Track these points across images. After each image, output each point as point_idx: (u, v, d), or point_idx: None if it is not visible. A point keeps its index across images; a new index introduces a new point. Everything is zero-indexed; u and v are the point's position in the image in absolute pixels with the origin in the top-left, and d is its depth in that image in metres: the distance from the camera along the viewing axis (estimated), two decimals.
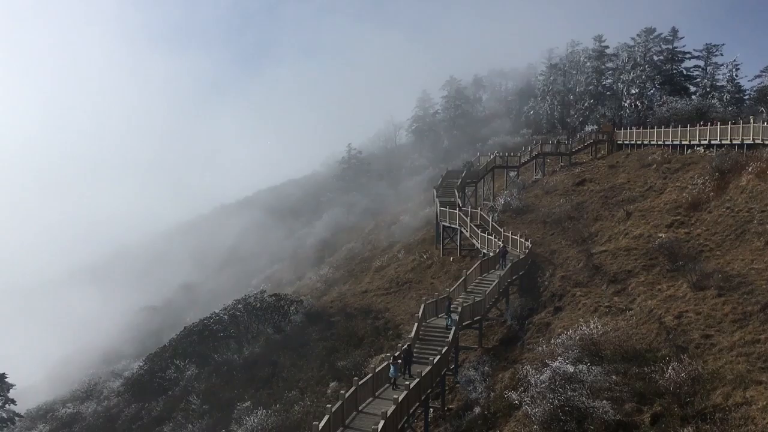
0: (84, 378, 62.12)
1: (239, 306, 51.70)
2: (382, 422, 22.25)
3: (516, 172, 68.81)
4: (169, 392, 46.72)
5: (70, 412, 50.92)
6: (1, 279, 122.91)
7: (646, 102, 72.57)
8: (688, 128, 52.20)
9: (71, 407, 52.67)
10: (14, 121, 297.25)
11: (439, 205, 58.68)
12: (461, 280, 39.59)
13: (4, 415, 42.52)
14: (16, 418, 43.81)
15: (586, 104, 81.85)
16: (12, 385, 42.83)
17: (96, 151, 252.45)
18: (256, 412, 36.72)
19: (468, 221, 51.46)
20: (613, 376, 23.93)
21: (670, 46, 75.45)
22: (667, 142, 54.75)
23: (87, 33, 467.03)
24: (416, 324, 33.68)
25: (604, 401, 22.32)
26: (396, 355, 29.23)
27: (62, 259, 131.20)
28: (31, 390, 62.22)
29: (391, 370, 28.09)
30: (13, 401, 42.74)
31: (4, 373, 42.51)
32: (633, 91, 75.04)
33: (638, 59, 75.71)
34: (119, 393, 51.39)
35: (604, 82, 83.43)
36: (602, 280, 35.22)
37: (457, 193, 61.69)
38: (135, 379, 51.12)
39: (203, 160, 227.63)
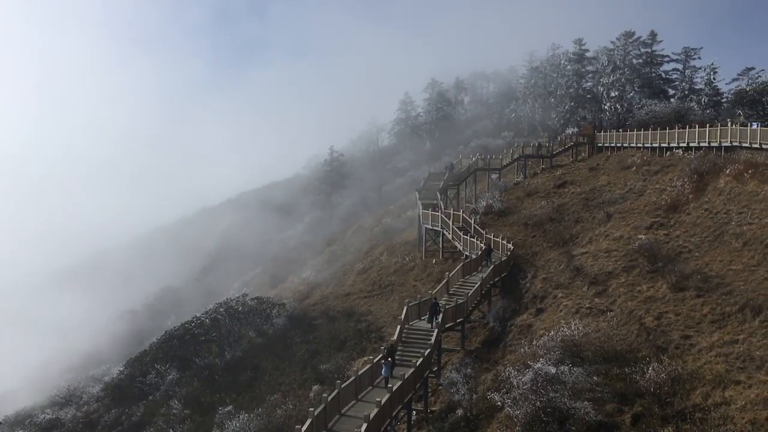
0: (63, 383, 61.34)
1: (221, 309, 51.36)
2: (365, 425, 22.21)
3: (498, 175, 69.08)
4: (150, 397, 46.32)
5: (49, 418, 50.26)
6: None
7: (625, 105, 73.28)
8: (667, 131, 52.79)
9: (50, 413, 51.98)
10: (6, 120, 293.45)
11: (421, 207, 58.75)
12: (444, 282, 39.64)
13: None
14: None
15: (566, 107, 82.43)
16: None
17: (79, 156, 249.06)
18: (238, 417, 36.50)
19: (450, 223, 51.57)
20: (595, 377, 24.10)
21: (649, 50, 76.27)
22: (646, 145, 55.30)
23: (72, 36, 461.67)
24: (399, 326, 33.67)
25: (586, 402, 22.47)
26: (384, 353, 29.27)
27: (43, 263, 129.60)
28: (10, 395, 61.52)
29: (383, 369, 28.12)
30: None
31: None
32: (613, 94, 75.73)
33: (618, 62, 76.43)
34: (99, 398, 50.84)
35: (584, 85, 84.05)
36: (583, 281, 35.44)
37: (439, 196, 61.83)
38: (115, 384, 50.61)
39: (187, 163, 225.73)
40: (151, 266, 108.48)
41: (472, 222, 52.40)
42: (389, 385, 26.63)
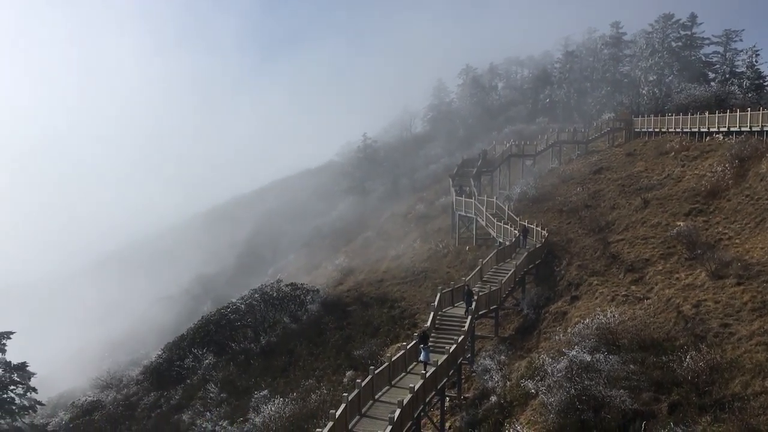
0: (103, 367, 62.86)
1: (256, 295, 51.91)
2: (398, 411, 22.32)
3: (532, 161, 68.40)
4: (188, 381, 47.14)
5: (90, 400, 51.52)
6: (25, 271, 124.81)
7: (664, 89, 71.80)
8: (706, 115, 51.61)
9: (91, 395, 53.30)
10: (41, 120, 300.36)
11: (454, 194, 58.52)
12: (477, 269, 39.54)
13: (25, 402, 43.05)
14: (38, 406, 44.35)
15: (603, 92, 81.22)
16: (33, 374, 43.36)
17: (118, 146, 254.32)
18: (273, 401, 36.93)
19: (484, 210, 51.31)
20: (631, 365, 23.82)
21: (689, 32, 74.61)
22: (685, 130, 54.15)
23: (109, 27, 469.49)
24: (432, 313, 33.72)
25: (622, 390, 22.23)
26: (417, 340, 29.39)
27: (83, 252, 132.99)
28: (51, 378, 63.09)
29: (422, 354, 28.25)
30: (34, 389, 43.28)
31: (25, 362, 43.04)
32: (651, 78, 74.27)
33: (656, 46, 74.92)
34: (138, 381, 51.94)
35: (621, 70, 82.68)
36: (619, 269, 35.01)
37: (472, 182, 61.48)
38: (154, 368, 51.59)
39: (221, 153, 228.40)
40: (188, 253, 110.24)
41: (506, 209, 52.06)
42: (426, 370, 26.76)
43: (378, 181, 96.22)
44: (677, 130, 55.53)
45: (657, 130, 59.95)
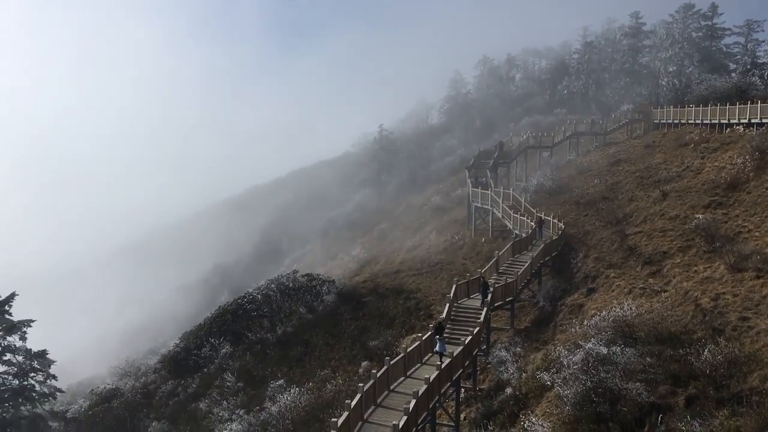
0: (122, 355, 63.57)
1: (272, 286, 52.18)
2: (413, 401, 22.39)
3: (549, 152, 67.99)
4: (205, 369, 47.56)
5: (109, 387, 52.12)
6: (45, 260, 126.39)
7: (684, 80, 71.00)
8: (727, 106, 50.91)
9: (110, 383, 53.94)
10: (61, 109, 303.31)
11: (471, 185, 58.38)
12: (493, 261, 39.48)
13: (45, 390, 43.77)
14: (58, 393, 45.06)
15: (622, 83, 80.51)
16: (53, 361, 44.03)
17: (136, 139, 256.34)
18: (289, 390, 37.22)
19: (500, 202, 51.15)
20: (648, 358, 23.69)
21: (710, 23, 73.68)
22: (705, 121, 53.50)
23: (127, 18, 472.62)
24: (448, 304, 33.73)
25: (638, 383, 22.14)
26: (433, 331, 29.46)
27: (102, 242, 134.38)
28: (71, 366, 64.04)
29: (438, 345, 28.32)
30: (54, 377, 43.96)
31: (45, 350, 43.71)
32: (670, 69, 73.44)
33: (676, 36, 74.07)
34: (156, 370, 52.47)
35: (640, 60, 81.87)
36: (637, 261, 34.79)
37: (489, 174, 61.26)
38: (171, 357, 52.08)
39: (238, 144, 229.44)
40: (205, 243, 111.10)
41: (523, 200, 51.85)
42: (441, 361, 26.82)
43: (394, 172, 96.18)
44: (697, 121, 54.89)
45: (676, 121, 59.30)
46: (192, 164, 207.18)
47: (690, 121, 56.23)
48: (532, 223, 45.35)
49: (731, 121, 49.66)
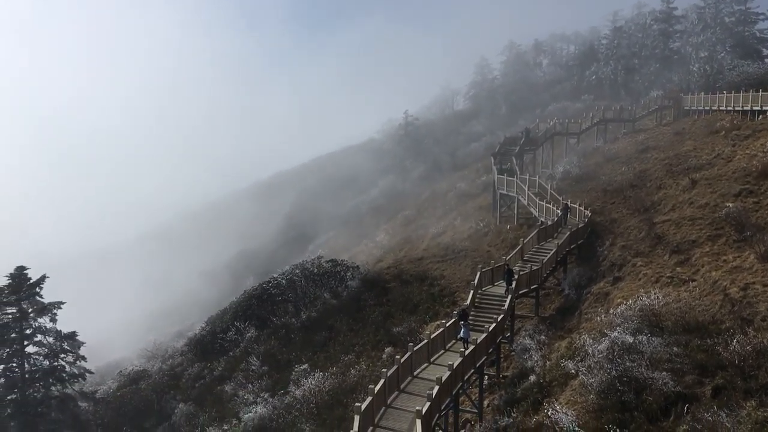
0: (150, 338, 64.59)
1: (297, 271, 52.51)
2: (436, 387, 22.43)
3: (576, 139, 67.26)
4: (230, 353, 48.11)
5: (137, 369, 53.02)
6: (74, 244, 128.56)
7: (715, 66, 69.56)
8: (760, 93, 49.88)
9: (138, 365, 54.87)
10: (89, 100, 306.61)
11: (496, 172, 58.01)
12: (518, 248, 39.27)
13: (75, 370, 44.62)
14: (87, 374, 45.93)
15: (651, 68, 79.16)
16: (82, 343, 44.84)
17: (164, 126, 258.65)
18: (313, 375, 37.52)
19: (526, 189, 50.78)
20: (674, 348, 23.44)
21: (743, 7, 72.04)
22: (737, 108, 52.51)
23: (155, 7, 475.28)
24: (472, 291, 33.66)
25: (664, 372, 21.93)
26: (457, 318, 29.46)
27: (130, 227, 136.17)
28: (101, 348, 65.11)
29: (462, 331, 28.34)
30: (83, 358, 44.79)
31: (75, 331, 44.51)
32: (702, 55, 72.06)
33: (708, 21, 72.63)
34: (183, 353, 53.21)
35: (671, 46, 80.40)
36: (664, 250, 34.33)
37: (515, 161, 60.80)
38: (197, 340, 52.76)
39: (263, 130, 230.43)
40: (231, 228, 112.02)
41: (549, 188, 51.41)
42: (465, 347, 26.81)
43: (419, 158, 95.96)
44: (728, 108, 53.88)
45: (707, 108, 58.27)
46: (217, 150, 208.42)
47: (721, 108, 55.25)
48: (558, 211, 45.00)
49: (764, 108, 48.72)
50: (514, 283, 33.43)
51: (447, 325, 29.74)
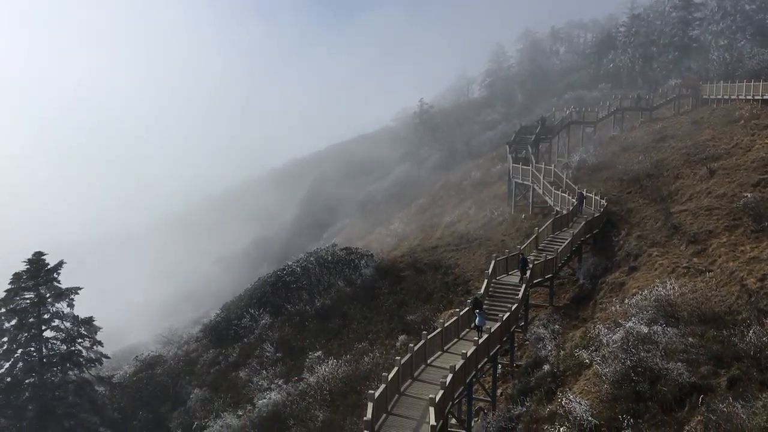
0: (165, 323, 65.14)
1: (311, 259, 52.67)
2: (450, 376, 22.48)
3: (593, 128, 66.74)
4: (245, 339, 48.44)
5: (152, 354, 53.52)
6: (91, 230, 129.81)
7: (735, 54, 68.64)
8: None
9: (154, 350, 55.38)
10: (106, 87, 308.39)
11: (511, 161, 57.73)
12: (533, 237, 39.13)
13: (92, 355, 45.08)
14: (104, 359, 46.41)
15: (670, 56, 78.25)
16: (99, 328, 45.27)
17: (179, 112, 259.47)
18: (327, 362, 37.72)
19: (541, 178, 50.51)
20: (690, 338, 23.33)
21: None
22: (756, 97, 51.84)
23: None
24: (486, 280, 33.61)
25: (679, 363, 21.84)
26: (471, 306, 29.48)
27: (146, 213, 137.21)
28: (117, 333, 65.75)
29: (477, 319, 28.37)
30: (100, 343, 45.22)
31: (91, 317, 44.94)
32: (721, 43, 71.11)
33: (728, 9, 71.62)
34: (198, 339, 53.65)
35: (690, 34, 79.36)
36: (681, 240, 34.08)
37: (530, 149, 60.42)
38: (212, 326, 53.14)
39: (279, 118, 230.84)
40: (245, 216, 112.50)
41: (564, 177, 51.11)
42: (480, 336, 26.81)
43: (434, 146, 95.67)
44: (748, 97, 53.21)
45: (726, 97, 57.57)
46: (235, 138, 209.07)
47: (740, 97, 54.58)
48: (574, 200, 44.75)
49: None
50: (528, 272, 33.33)
51: (461, 313, 29.75)
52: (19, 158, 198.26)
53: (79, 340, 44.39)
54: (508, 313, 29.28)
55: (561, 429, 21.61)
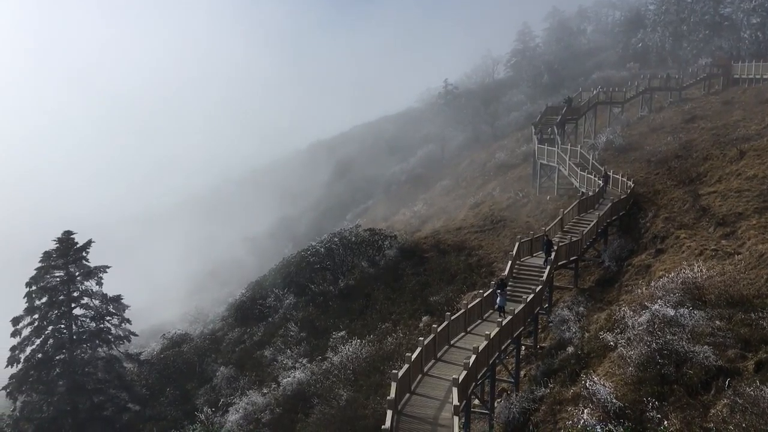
0: (191, 302, 66.07)
1: (335, 239, 52.90)
2: (473, 357, 22.50)
3: (620, 109, 65.78)
4: (269, 319, 48.96)
5: (179, 333, 54.40)
6: (119, 209, 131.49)
7: (767, 33, 67.03)
8: None
9: (180, 329, 56.29)
10: (130, 68, 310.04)
11: (537, 142, 57.22)
12: (558, 219, 38.83)
13: (120, 333, 45.97)
14: (132, 336, 47.29)
15: (700, 35, 76.59)
16: (127, 306, 46.07)
17: (204, 92, 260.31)
18: (351, 342, 37.96)
19: (567, 159, 50.01)
20: (717, 322, 23.03)
21: None
22: None
23: None
24: (510, 262, 33.48)
25: (706, 346, 21.59)
26: (495, 287, 29.47)
27: (172, 193, 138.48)
28: (145, 311, 66.84)
29: (499, 299, 28.39)
30: (128, 320, 46.06)
31: (120, 295, 45.75)
32: (754, 21, 69.48)
33: None
34: (223, 318, 54.36)
35: (721, 11, 77.60)
36: (709, 222, 33.59)
37: (556, 130, 59.79)
38: (238, 306, 53.79)
39: (303, 99, 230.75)
40: (271, 196, 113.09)
41: (590, 158, 50.55)
42: (502, 315, 26.79)
43: (458, 128, 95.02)
44: None
45: (758, 76, 56.43)
46: (260, 118, 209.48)
47: None
48: (600, 182, 44.28)
49: None
50: (553, 254, 33.13)
51: (484, 295, 29.71)
52: (39, 137, 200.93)
53: (108, 318, 45.22)
54: (532, 295, 29.18)
55: (585, 411, 21.52)
